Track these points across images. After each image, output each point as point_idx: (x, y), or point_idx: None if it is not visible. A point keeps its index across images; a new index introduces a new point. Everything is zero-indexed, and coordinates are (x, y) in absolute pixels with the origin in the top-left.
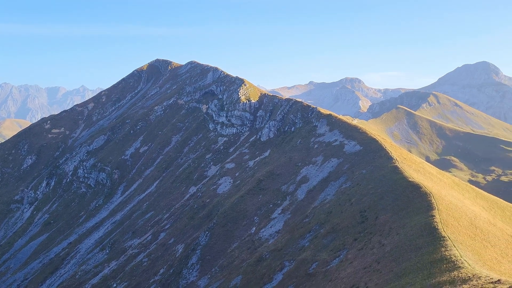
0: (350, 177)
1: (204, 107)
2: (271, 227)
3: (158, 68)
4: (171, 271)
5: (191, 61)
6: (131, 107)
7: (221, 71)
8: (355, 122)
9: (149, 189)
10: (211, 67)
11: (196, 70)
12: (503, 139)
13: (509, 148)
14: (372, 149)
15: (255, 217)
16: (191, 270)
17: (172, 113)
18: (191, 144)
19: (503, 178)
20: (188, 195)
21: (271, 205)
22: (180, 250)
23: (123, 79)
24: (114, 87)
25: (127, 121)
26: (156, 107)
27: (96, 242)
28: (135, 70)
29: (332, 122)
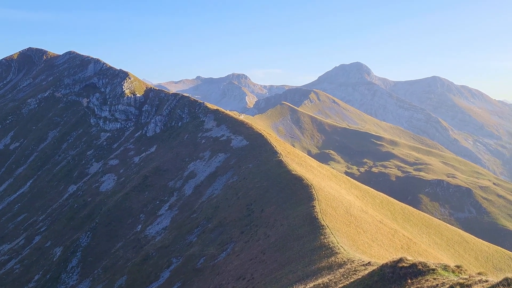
0: (237, 171)
1: (85, 101)
2: (158, 224)
3: (31, 58)
4: (47, 276)
5: (70, 51)
6: None
7: (104, 63)
8: (242, 117)
9: (21, 190)
10: (92, 58)
11: (76, 61)
12: (374, 133)
13: (379, 142)
14: (258, 144)
15: (141, 215)
16: (70, 274)
17: (48, 107)
18: (70, 140)
19: (374, 169)
20: (67, 194)
21: (157, 202)
22: (58, 253)
23: None
24: None
25: None
26: (29, 100)
27: None
28: (3, 59)
29: (220, 117)
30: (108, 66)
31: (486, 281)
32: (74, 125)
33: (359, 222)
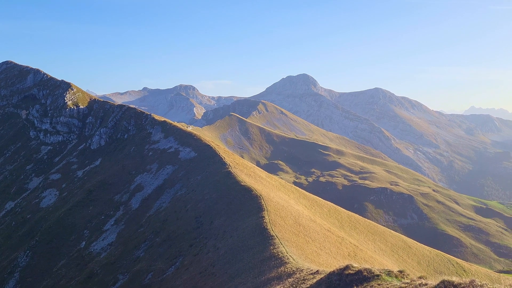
0: (185, 183)
1: (24, 113)
2: (103, 239)
3: None
4: None
5: (7, 60)
6: None
7: (44, 74)
8: (190, 129)
9: None
10: (31, 68)
11: (13, 72)
12: (321, 144)
13: (326, 152)
14: (207, 156)
15: (85, 231)
16: None
17: None
18: (7, 154)
19: (322, 179)
20: (4, 212)
21: (103, 217)
22: None
23: None
24: None
25: None
26: None
27: None
28: None
29: (167, 129)
30: (49, 76)
31: (426, 284)
32: (12, 139)
33: (307, 231)
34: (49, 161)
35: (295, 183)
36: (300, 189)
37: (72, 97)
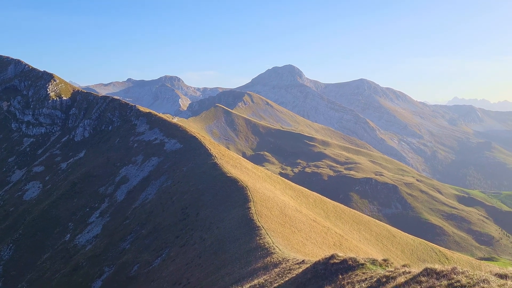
0: (171, 175)
1: (5, 104)
2: (88, 232)
3: None
4: None
5: None
6: None
7: (26, 64)
8: (176, 120)
9: None
10: (12, 59)
11: None
12: (307, 134)
13: (311, 143)
14: (192, 147)
15: (70, 223)
16: None
17: None
18: None
19: (307, 170)
20: None
21: (87, 209)
22: None
23: None
24: None
25: None
26: None
27: None
28: None
29: (152, 121)
30: (30, 67)
31: (409, 272)
32: None
33: (293, 221)
34: (32, 153)
35: (281, 174)
36: (286, 180)
37: (55, 88)
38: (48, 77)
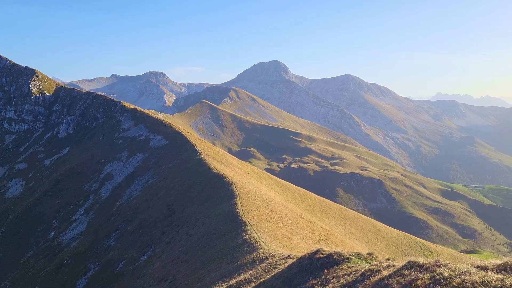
0: (156, 171)
1: None
2: (72, 229)
3: None
4: None
5: None
6: None
7: (7, 60)
8: (161, 116)
9: None
10: None
11: None
12: (293, 130)
13: (297, 138)
14: (178, 143)
15: (54, 221)
16: None
17: None
18: None
19: (293, 165)
20: None
21: (72, 206)
22: None
23: None
24: None
25: None
26: None
27: None
28: None
29: (137, 117)
30: (12, 63)
31: (393, 265)
32: None
33: (279, 217)
34: (14, 150)
35: (267, 169)
36: (272, 176)
37: (38, 84)
38: (30, 72)
